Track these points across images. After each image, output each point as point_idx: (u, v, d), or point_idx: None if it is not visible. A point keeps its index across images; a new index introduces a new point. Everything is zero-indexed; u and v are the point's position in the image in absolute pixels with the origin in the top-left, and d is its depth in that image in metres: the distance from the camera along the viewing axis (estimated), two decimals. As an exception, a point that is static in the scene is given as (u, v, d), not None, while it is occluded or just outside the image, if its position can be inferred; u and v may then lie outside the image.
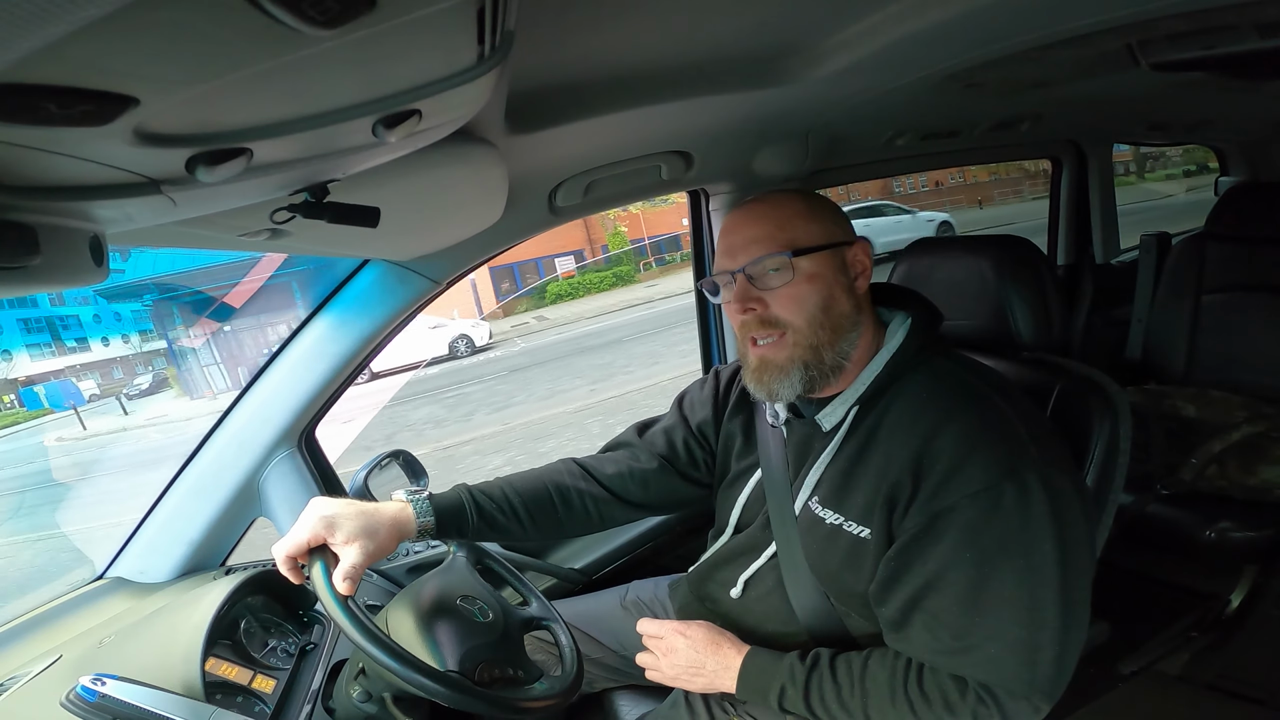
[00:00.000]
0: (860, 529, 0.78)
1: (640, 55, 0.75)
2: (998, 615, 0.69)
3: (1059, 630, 0.69)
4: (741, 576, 0.91)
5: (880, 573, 0.76)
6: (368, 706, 0.82)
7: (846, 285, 0.81)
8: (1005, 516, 0.69)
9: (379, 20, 0.29)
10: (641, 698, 1.11)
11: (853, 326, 0.81)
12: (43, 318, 21.16)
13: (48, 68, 0.25)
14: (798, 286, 0.79)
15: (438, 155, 0.64)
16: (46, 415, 17.95)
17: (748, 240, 0.81)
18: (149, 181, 0.41)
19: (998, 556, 0.69)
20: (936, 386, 0.78)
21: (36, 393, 19.47)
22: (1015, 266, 0.97)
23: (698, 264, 1.60)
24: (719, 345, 1.61)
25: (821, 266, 0.79)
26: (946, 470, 0.71)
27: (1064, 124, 1.88)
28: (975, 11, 0.71)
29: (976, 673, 0.71)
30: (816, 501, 0.83)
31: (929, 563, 0.72)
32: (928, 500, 0.72)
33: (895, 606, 0.75)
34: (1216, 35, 0.89)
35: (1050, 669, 0.69)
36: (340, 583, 0.73)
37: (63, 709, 0.69)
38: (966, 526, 0.69)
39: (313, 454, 1.20)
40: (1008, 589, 0.68)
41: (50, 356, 21.19)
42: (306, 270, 10.52)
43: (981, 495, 0.69)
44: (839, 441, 0.82)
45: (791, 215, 0.81)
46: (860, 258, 0.82)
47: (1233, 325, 1.75)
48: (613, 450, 1.05)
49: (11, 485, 10.00)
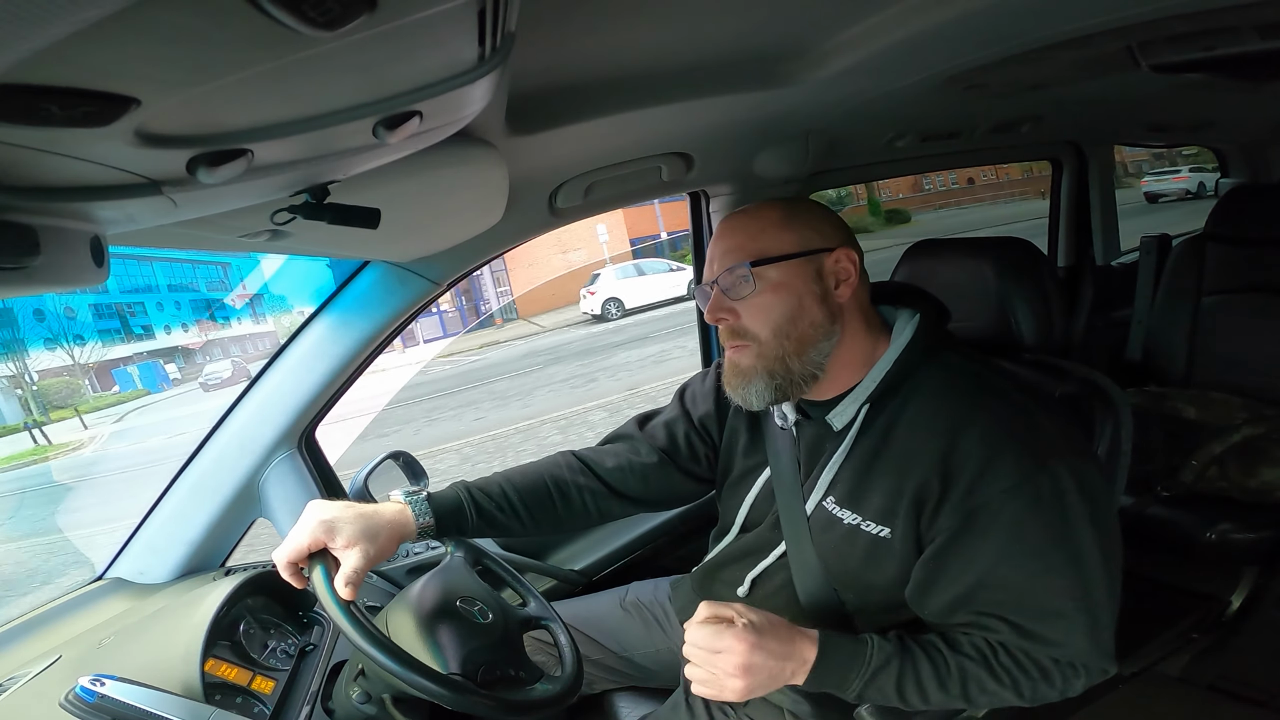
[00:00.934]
0: (880, 529, 0.78)
1: (640, 57, 0.75)
2: (1057, 603, 0.71)
3: (1108, 602, 0.72)
4: (749, 575, 0.91)
5: (917, 574, 0.76)
6: (367, 708, 0.82)
7: (819, 294, 0.80)
8: (1045, 509, 0.70)
9: (379, 22, 0.29)
10: (641, 699, 1.11)
11: (825, 336, 0.80)
12: (112, 304, 21.30)
13: (49, 68, 0.25)
14: (763, 296, 0.80)
15: (438, 157, 0.64)
16: (144, 396, 18.10)
17: (723, 251, 0.82)
18: (150, 182, 0.41)
19: (1047, 549, 0.71)
20: (953, 383, 0.78)
21: (130, 373, 19.73)
22: (1016, 268, 0.97)
23: (698, 264, 1.60)
24: (719, 344, 1.61)
25: (788, 275, 0.79)
26: (978, 468, 0.72)
27: (1064, 125, 1.88)
28: (975, 13, 0.71)
29: (1045, 656, 0.73)
30: (832, 501, 0.82)
31: (977, 560, 0.72)
32: (962, 499, 0.72)
33: (942, 605, 0.75)
34: (1217, 37, 0.89)
35: (1109, 637, 0.73)
36: (342, 588, 0.73)
37: (62, 709, 0.69)
38: (1011, 523, 0.71)
39: (313, 455, 1.20)
40: (1062, 578, 0.71)
41: (120, 343, 21.31)
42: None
43: (1017, 490, 0.70)
44: (852, 440, 0.81)
45: (765, 226, 0.81)
46: (843, 264, 0.81)
47: (1233, 327, 1.75)
48: (613, 443, 1.04)
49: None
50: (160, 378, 19.64)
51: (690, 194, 1.48)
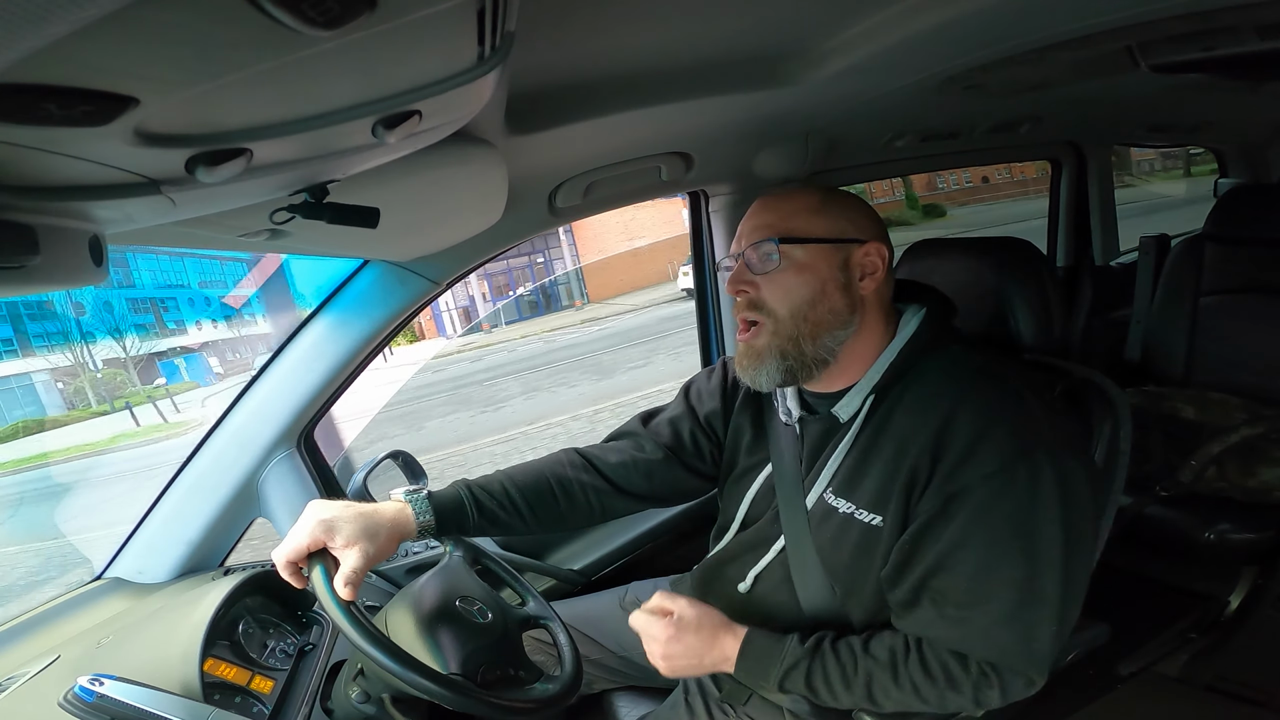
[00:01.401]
0: (872, 517, 0.78)
1: (640, 56, 0.75)
2: (1001, 593, 0.71)
3: (1058, 608, 0.71)
4: (751, 571, 0.91)
5: (894, 557, 0.76)
6: (366, 707, 0.82)
7: (843, 283, 0.80)
8: (1016, 497, 0.70)
9: (379, 21, 0.29)
10: (641, 699, 1.11)
11: (843, 325, 0.80)
12: (147, 299, 21.31)
13: (48, 68, 0.25)
14: (785, 275, 0.80)
15: (438, 156, 0.64)
16: (193, 387, 18.10)
17: (753, 227, 0.83)
18: (149, 182, 0.41)
19: (1006, 536, 0.70)
20: (952, 370, 0.79)
21: (177, 365, 19.71)
22: (1015, 268, 0.97)
23: (697, 264, 1.60)
24: (718, 341, 1.61)
25: (815, 259, 0.80)
26: (963, 451, 0.72)
27: (1064, 125, 1.89)
28: (975, 14, 0.71)
29: (976, 648, 0.73)
30: (830, 491, 0.83)
31: (939, 543, 0.72)
32: (943, 482, 0.72)
33: (906, 588, 0.75)
34: (1216, 37, 0.89)
35: (1046, 645, 0.72)
36: (342, 588, 0.73)
37: (61, 709, 0.69)
38: (978, 507, 0.71)
39: (312, 454, 1.20)
40: (1012, 568, 0.70)
41: (155, 337, 21.34)
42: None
43: (995, 476, 0.70)
44: (856, 430, 0.82)
45: (800, 208, 0.82)
46: (871, 258, 0.81)
47: (1232, 327, 1.75)
48: (616, 439, 1.04)
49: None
50: (206, 370, 19.73)
51: (690, 194, 1.48)
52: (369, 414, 4.57)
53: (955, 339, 0.84)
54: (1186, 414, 1.64)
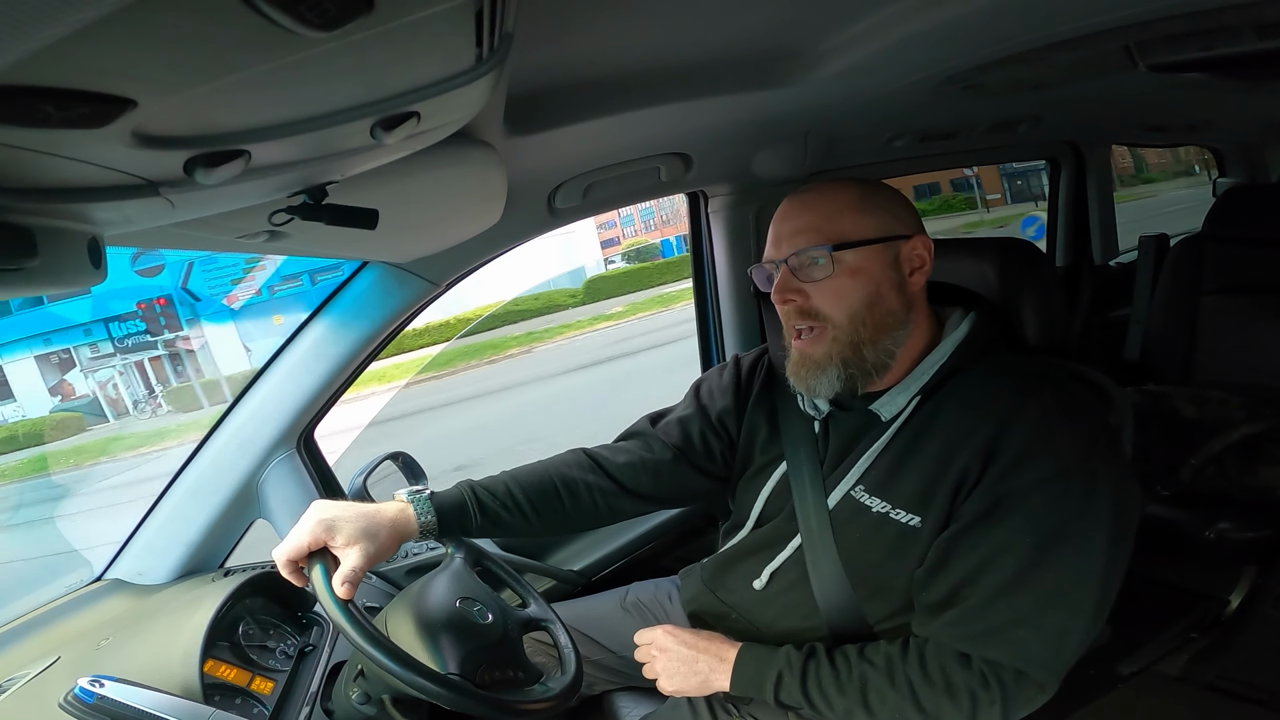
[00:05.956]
0: (910, 517, 0.77)
1: (639, 57, 0.75)
2: (1038, 601, 0.69)
3: (1091, 619, 0.70)
4: (767, 569, 0.90)
5: (930, 556, 0.75)
6: (366, 708, 0.82)
7: (897, 281, 0.79)
8: (1069, 505, 0.69)
9: (377, 22, 0.29)
10: (641, 699, 1.11)
11: (900, 325, 0.79)
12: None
13: (46, 70, 0.25)
14: (839, 280, 0.77)
15: (436, 157, 0.64)
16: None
17: (794, 230, 0.80)
18: (147, 183, 0.41)
19: (1053, 543, 0.69)
20: (1005, 375, 0.77)
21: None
22: (1016, 268, 0.97)
23: (697, 265, 1.59)
24: (718, 342, 1.61)
25: (867, 261, 0.78)
26: (1018, 454, 0.70)
27: (1062, 125, 1.88)
28: (973, 14, 0.71)
29: (1003, 655, 0.71)
30: (862, 489, 0.81)
31: (981, 546, 0.71)
32: (994, 483, 0.71)
33: (940, 590, 0.74)
34: (1214, 36, 0.89)
35: (1071, 656, 0.71)
36: (340, 587, 0.73)
37: (60, 710, 0.69)
38: (1029, 512, 0.69)
39: (312, 455, 1.20)
40: (1054, 576, 0.69)
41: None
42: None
43: (1050, 482, 0.69)
44: (895, 430, 0.80)
45: (841, 207, 0.79)
46: (918, 252, 0.80)
47: (1231, 326, 1.75)
48: (624, 440, 1.03)
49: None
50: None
51: (689, 194, 1.48)
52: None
53: (1005, 345, 0.83)
54: (1186, 412, 1.64)
